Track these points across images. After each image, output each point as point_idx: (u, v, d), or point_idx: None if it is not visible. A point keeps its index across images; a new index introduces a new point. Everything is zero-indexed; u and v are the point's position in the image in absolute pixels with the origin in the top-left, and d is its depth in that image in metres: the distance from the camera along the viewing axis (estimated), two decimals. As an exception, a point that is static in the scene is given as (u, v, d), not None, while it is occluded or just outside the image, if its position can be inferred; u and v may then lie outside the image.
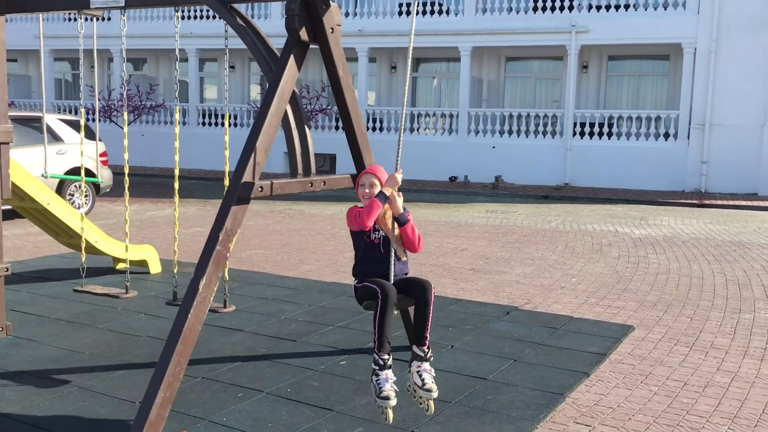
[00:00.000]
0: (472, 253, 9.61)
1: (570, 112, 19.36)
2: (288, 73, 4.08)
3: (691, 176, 18.24)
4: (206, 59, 24.85)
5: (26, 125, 11.43)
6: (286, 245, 10.03)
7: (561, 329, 5.93)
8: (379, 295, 3.74)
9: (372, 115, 21.58)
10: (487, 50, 21.44)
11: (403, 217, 3.95)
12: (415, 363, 3.87)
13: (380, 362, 3.76)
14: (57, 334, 5.58)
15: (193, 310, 3.59)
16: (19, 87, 26.24)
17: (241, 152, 3.95)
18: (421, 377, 3.82)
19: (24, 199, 6.65)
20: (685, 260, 9.28)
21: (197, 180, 20.06)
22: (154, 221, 12.16)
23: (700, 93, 18.15)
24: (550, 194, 17.34)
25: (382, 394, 3.68)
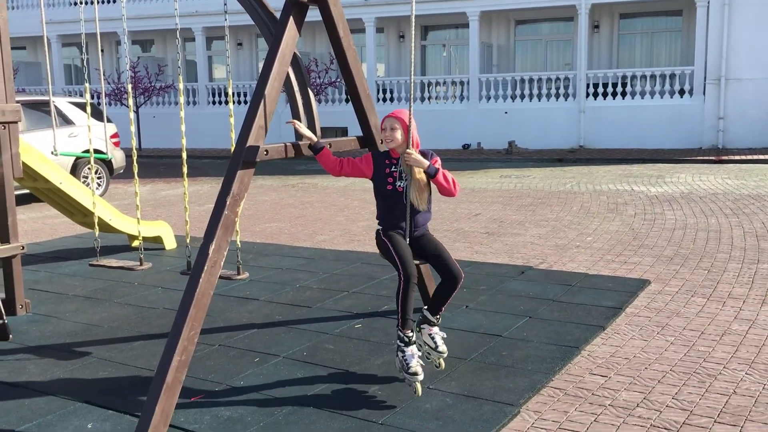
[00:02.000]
0: (487, 217, 9.57)
1: (582, 73, 19.10)
2: (288, 35, 4.04)
3: (707, 132, 17.98)
4: (213, 37, 24.76)
5: (37, 110, 11.48)
6: (299, 217, 10.05)
7: (576, 286, 5.90)
8: (401, 275, 3.78)
9: (381, 86, 21.44)
10: (495, 14, 21.16)
11: (431, 169, 3.91)
12: (427, 327, 4.01)
13: (405, 339, 3.84)
14: (75, 309, 5.64)
15: (204, 274, 3.60)
16: (29, 74, 26.35)
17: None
18: (433, 340, 4.01)
19: (37, 179, 6.69)
20: (703, 215, 9.18)
21: (210, 159, 20.12)
22: (168, 200, 12.22)
23: (715, 47, 17.81)
24: (565, 157, 17.20)
25: (410, 370, 3.78)
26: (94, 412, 3.76)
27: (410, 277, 3.76)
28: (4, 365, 4.47)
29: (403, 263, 3.81)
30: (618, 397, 3.80)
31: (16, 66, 24.42)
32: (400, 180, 4.00)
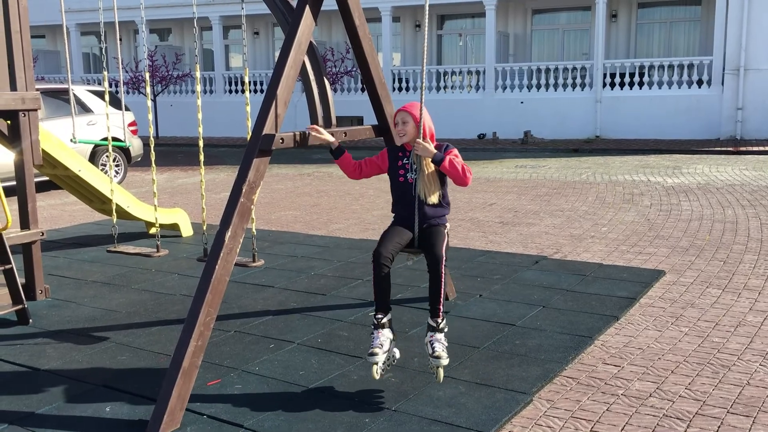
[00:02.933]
0: (501, 207, 9.57)
1: (599, 63, 18.96)
2: (304, 23, 4.06)
3: (726, 123, 17.80)
4: (230, 26, 24.80)
5: (56, 98, 11.59)
6: (315, 206, 10.10)
7: (590, 276, 5.90)
8: (372, 258, 3.77)
9: (397, 75, 21.40)
10: (512, 3, 21.04)
11: (437, 156, 3.86)
12: (429, 333, 3.80)
13: (374, 321, 3.83)
14: (94, 295, 5.72)
15: (220, 261, 3.65)
16: (48, 63, 26.56)
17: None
18: (432, 346, 3.74)
19: (56, 167, 6.78)
20: (719, 206, 9.12)
21: (226, 147, 20.21)
22: (185, 188, 12.31)
23: (734, 37, 17.59)
24: (581, 147, 17.11)
25: (369, 351, 3.73)
26: (112, 395, 3.83)
27: (379, 258, 3.72)
28: (24, 349, 4.55)
29: (378, 245, 3.80)
30: (631, 386, 3.81)
31: (36, 54, 24.63)
32: (411, 172, 3.98)
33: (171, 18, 24.02)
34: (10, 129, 5.32)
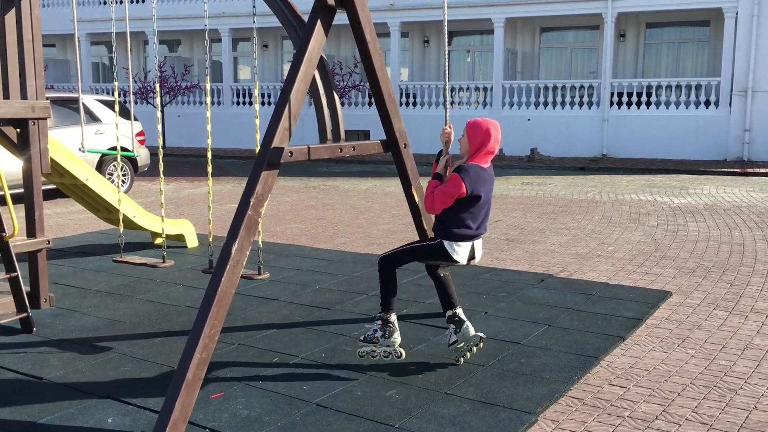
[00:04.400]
0: (507, 224, 9.55)
1: (607, 81, 18.99)
2: (315, 38, 4.07)
3: (733, 144, 17.78)
4: (239, 39, 24.95)
5: (65, 106, 11.65)
6: (320, 219, 10.10)
7: (596, 295, 5.87)
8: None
9: (405, 90, 21.46)
10: (521, 21, 21.12)
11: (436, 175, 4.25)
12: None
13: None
14: (98, 305, 5.72)
15: (226, 273, 3.64)
16: (58, 71, 26.74)
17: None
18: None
19: (64, 175, 6.79)
20: (726, 228, 9.09)
21: (233, 159, 20.26)
22: (191, 198, 12.33)
23: (742, 59, 17.61)
24: (587, 166, 17.10)
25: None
26: (115, 406, 3.81)
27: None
28: (27, 358, 4.54)
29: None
30: (637, 408, 3.78)
31: (46, 63, 24.81)
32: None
33: (181, 29, 24.19)
34: (20, 137, 5.35)
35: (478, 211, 4.18)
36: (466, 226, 4.16)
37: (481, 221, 4.24)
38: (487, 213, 4.28)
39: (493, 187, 4.30)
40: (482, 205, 4.20)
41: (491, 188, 4.22)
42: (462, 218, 4.15)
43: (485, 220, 4.27)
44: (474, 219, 4.19)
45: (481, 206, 4.19)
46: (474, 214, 4.18)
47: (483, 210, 4.22)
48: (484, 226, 4.28)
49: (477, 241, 4.29)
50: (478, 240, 4.29)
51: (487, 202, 4.22)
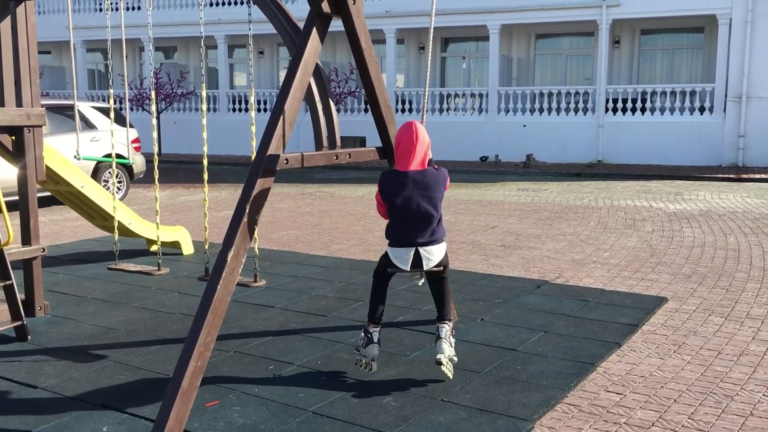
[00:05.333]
0: (503, 230, 9.55)
1: (602, 88, 19.06)
2: (311, 45, 4.08)
3: (728, 150, 17.84)
4: (235, 45, 24.97)
5: (60, 113, 11.64)
6: (316, 226, 10.09)
7: (592, 301, 5.87)
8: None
9: (401, 96, 21.50)
10: (516, 28, 21.18)
11: None
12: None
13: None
14: (93, 312, 5.70)
15: (222, 281, 3.63)
16: (53, 78, 26.70)
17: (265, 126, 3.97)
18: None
19: (59, 183, 6.78)
20: (721, 233, 9.11)
21: (229, 165, 20.24)
22: (186, 205, 12.32)
23: (736, 65, 17.69)
24: (583, 172, 17.13)
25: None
26: (110, 415, 3.79)
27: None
28: (22, 366, 4.52)
29: None
30: (633, 415, 3.78)
31: (41, 70, 24.77)
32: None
33: (177, 36, 24.19)
34: (15, 144, 5.33)
35: (407, 216, 4.09)
36: (400, 231, 4.16)
37: (421, 228, 4.10)
38: (430, 218, 4.09)
39: (437, 193, 4.07)
40: (409, 211, 4.07)
41: (421, 193, 4.05)
42: (393, 224, 4.19)
43: (427, 226, 4.10)
44: (406, 224, 4.11)
45: (409, 211, 4.07)
46: (403, 219, 4.11)
47: (415, 215, 4.07)
48: (427, 233, 4.11)
49: (425, 248, 4.13)
50: (426, 247, 4.13)
51: (412, 207, 4.06)
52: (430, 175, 4.12)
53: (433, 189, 4.10)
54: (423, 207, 4.09)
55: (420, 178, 4.09)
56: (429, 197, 4.09)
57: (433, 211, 4.11)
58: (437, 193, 4.12)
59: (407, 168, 4.11)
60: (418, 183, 4.08)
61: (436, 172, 4.15)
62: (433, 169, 4.16)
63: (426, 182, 4.09)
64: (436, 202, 4.12)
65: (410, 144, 4.10)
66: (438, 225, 4.18)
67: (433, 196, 4.10)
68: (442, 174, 4.18)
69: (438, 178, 4.13)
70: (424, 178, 4.10)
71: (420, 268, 4.20)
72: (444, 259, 4.25)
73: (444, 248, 4.24)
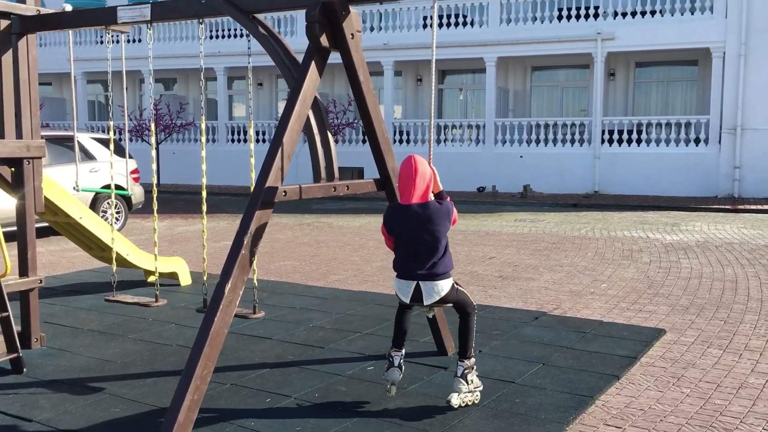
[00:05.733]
0: (501, 261, 9.56)
1: (598, 119, 19.22)
2: (309, 79, 4.14)
3: (723, 181, 17.94)
4: (234, 77, 25.19)
5: (60, 144, 11.69)
6: (314, 256, 10.09)
7: (590, 333, 5.86)
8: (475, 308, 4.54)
9: (399, 127, 21.65)
10: (512, 60, 21.41)
11: None
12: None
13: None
14: (89, 344, 5.67)
15: (219, 314, 3.63)
16: (54, 109, 26.88)
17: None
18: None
19: (57, 213, 6.79)
20: (719, 264, 9.12)
21: (227, 195, 20.29)
22: (184, 236, 12.32)
23: (730, 97, 17.88)
24: (580, 202, 17.19)
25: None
26: (105, 448, 3.76)
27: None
28: (18, 399, 4.49)
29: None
30: (632, 448, 3.75)
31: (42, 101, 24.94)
32: None
33: (177, 68, 24.41)
34: (14, 176, 5.36)
35: (409, 249, 4.14)
36: (400, 264, 4.23)
37: (422, 260, 4.11)
38: (430, 252, 4.10)
39: (440, 226, 4.09)
40: (410, 243, 4.12)
41: (422, 226, 4.08)
42: (397, 256, 4.25)
43: (428, 259, 4.11)
44: (408, 257, 4.16)
45: (410, 244, 4.12)
46: (405, 252, 4.17)
47: (416, 248, 4.11)
48: (427, 267, 4.11)
49: (425, 282, 4.13)
50: (426, 281, 4.13)
51: (412, 239, 4.10)
52: (432, 208, 4.14)
53: (434, 222, 4.12)
54: (423, 240, 4.12)
55: (422, 211, 4.12)
56: (430, 230, 4.12)
57: (435, 244, 4.13)
58: (440, 227, 4.13)
59: (409, 201, 4.16)
60: (419, 216, 4.11)
61: (439, 206, 4.16)
62: (436, 203, 4.17)
63: (428, 215, 4.12)
64: (438, 235, 4.13)
65: (410, 178, 4.14)
66: (441, 259, 4.16)
67: (435, 230, 4.12)
68: (445, 207, 4.19)
69: (440, 211, 4.15)
70: (426, 211, 4.13)
71: (420, 302, 4.20)
72: (452, 294, 4.23)
73: (449, 283, 4.20)
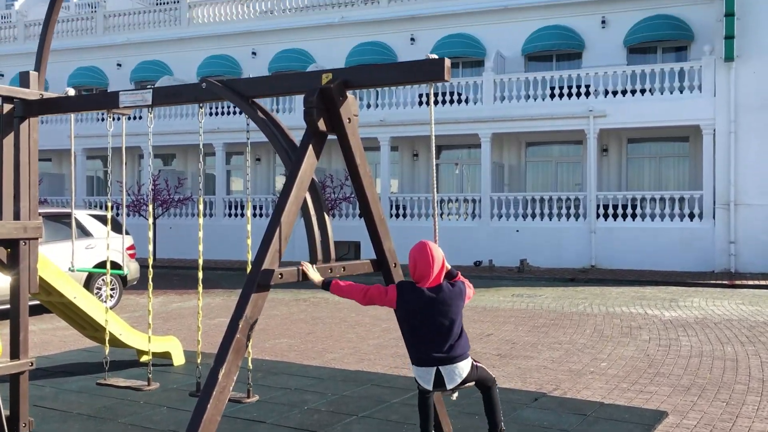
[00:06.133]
0: (499, 338, 9.45)
1: (592, 194, 19.41)
2: (307, 162, 4.19)
3: (719, 256, 17.97)
4: (233, 152, 25.51)
5: (57, 221, 11.72)
6: (309, 334, 9.97)
7: (592, 416, 5.74)
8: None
9: (395, 202, 21.80)
10: (506, 136, 21.77)
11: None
12: None
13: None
14: (78, 429, 5.53)
15: (213, 400, 3.56)
16: (53, 185, 27.08)
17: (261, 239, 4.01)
18: None
19: (51, 293, 6.74)
20: (718, 342, 9.03)
21: (223, 270, 20.22)
22: (179, 313, 12.20)
23: (723, 173, 18.11)
24: (577, 277, 17.16)
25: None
26: None
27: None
28: (2, 488, 4.34)
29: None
30: None
31: (41, 177, 25.16)
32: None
33: (176, 144, 24.75)
34: (9, 256, 5.34)
35: (424, 333, 4.10)
36: (418, 349, 4.17)
37: (439, 343, 4.09)
38: (447, 335, 4.09)
39: (454, 307, 4.11)
40: (424, 328, 4.09)
41: (438, 308, 4.09)
42: (412, 341, 4.20)
43: (445, 341, 4.09)
44: (424, 341, 4.12)
45: (425, 328, 4.09)
46: (420, 337, 4.13)
47: (431, 333, 4.09)
48: (445, 349, 4.09)
49: (446, 367, 4.10)
50: (447, 366, 4.10)
51: (428, 324, 4.09)
52: (446, 290, 4.17)
53: (449, 304, 4.15)
54: (439, 323, 4.12)
55: (437, 295, 4.15)
56: (445, 312, 4.13)
57: (451, 326, 4.14)
58: (454, 308, 4.16)
59: (424, 286, 4.18)
60: (434, 299, 4.14)
61: (452, 288, 4.19)
62: (449, 285, 4.20)
63: (442, 298, 4.15)
64: (453, 317, 4.15)
65: (428, 266, 4.18)
66: (458, 340, 4.16)
67: (451, 311, 4.14)
68: (458, 288, 4.21)
69: (454, 293, 4.18)
70: (440, 294, 4.15)
71: (443, 387, 4.14)
72: (473, 373, 4.21)
73: (468, 363, 4.20)
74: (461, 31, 22.66)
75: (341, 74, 4.30)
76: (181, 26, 26.52)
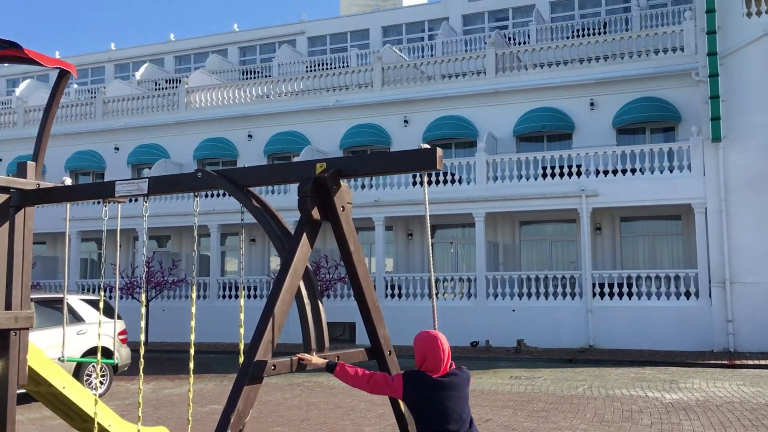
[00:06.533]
0: (497, 424, 9.24)
1: (587, 273, 19.39)
2: (301, 251, 4.20)
3: (718, 335, 17.80)
4: (227, 233, 25.55)
5: (49, 306, 11.61)
6: (304, 421, 9.73)
7: (595, 508, 5.55)
8: None
9: (390, 282, 21.72)
10: (500, 215, 21.93)
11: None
12: None
13: None
14: None
15: (202, 500, 3.44)
16: (46, 268, 26.95)
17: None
18: None
19: (40, 383, 6.58)
20: (722, 427, 8.84)
21: (216, 354, 19.91)
22: (170, 400, 11.93)
23: (716, 251, 18.14)
24: (575, 357, 16.93)
25: None
26: None
27: None
28: None
29: None
30: None
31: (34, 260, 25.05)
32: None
33: (171, 226, 24.80)
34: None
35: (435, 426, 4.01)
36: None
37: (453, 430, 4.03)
38: (457, 423, 4.04)
39: (463, 393, 4.09)
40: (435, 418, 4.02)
41: (449, 394, 4.05)
42: (423, 430, 4.06)
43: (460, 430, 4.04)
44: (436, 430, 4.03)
45: (441, 418, 4.01)
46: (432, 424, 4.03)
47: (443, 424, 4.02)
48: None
49: None
50: None
51: (438, 413, 4.03)
52: (454, 379, 4.13)
53: (459, 390, 4.12)
54: (450, 410, 4.07)
55: (447, 381, 4.11)
56: (457, 398, 4.10)
57: (461, 413, 4.10)
58: (463, 394, 4.14)
59: (438, 374, 4.12)
60: (445, 386, 4.09)
61: (460, 374, 4.17)
62: (455, 371, 4.16)
63: (452, 384, 4.11)
64: (463, 404, 4.13)
65: (439, 362, 4.11)
66: (470, 428, 4.13)
67: (461, 396, 4.12)
68: (465, 375, 4.21)
69: (461, 380, 4.16)
70: (451, 381, 4.11)
71: None
72: None
73: None
74: (453, 113, 23.15)
75: (335, 164, 4.36)
76: (179, 110, 27.02)
